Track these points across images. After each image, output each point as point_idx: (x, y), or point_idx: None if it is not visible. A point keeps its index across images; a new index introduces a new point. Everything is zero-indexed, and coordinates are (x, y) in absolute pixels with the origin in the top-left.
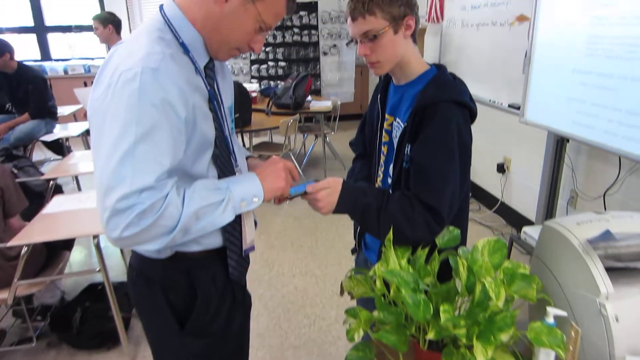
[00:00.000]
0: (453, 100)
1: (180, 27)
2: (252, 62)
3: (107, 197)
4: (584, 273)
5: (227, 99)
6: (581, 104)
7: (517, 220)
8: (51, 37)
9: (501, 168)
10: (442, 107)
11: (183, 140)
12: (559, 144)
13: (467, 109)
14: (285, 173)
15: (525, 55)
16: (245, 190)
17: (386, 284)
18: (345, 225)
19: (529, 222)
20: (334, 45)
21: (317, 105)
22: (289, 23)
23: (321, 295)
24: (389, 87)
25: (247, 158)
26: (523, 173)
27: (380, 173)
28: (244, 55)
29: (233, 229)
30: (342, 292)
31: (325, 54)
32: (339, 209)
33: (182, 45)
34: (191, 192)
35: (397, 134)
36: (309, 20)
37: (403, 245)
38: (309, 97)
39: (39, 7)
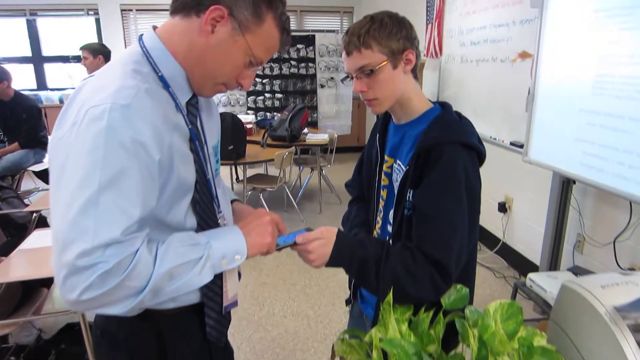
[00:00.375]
0: (460, 142)
1: (160, 59)
2: (249, 94)
3: (64, 252)
4: (612, 346)
5: (212, 137)
6: (589, 145)
7: (519, 262)
8: (50, 67)
9: (503, 207)
10: (447, 150)
11: (156, 187)
12: (564, 185)
13: (475, 151)
14: (271, 227)
15: (529, 93)
16: (227, 247)
17: (384, 352)
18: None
19: (532, 265)
20: (331, 78)
21: (314, 137)
22: (286, 55)
23: (313, 339)
24: (389, 126)
25: (232, 201)
26: (525, 213)
27: (379, 219)
28: None
29: (213, 283)
30: (333, 357)
31: (322, 86)
32: (332, 261)
33: (162, 79)
34: (165, 248)
35: (397, 177)
36: (307, 52)
37: (404, 303)
38: (305, 130)
39: (37, 38)
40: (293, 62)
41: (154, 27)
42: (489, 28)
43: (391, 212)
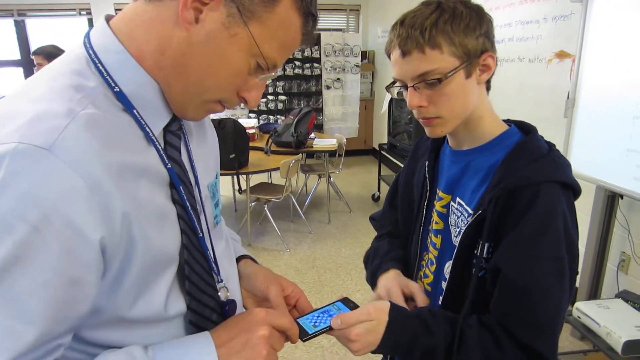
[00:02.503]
0: (560, 182)
1: (116, 66)
2: None
3: None
4: None
5: (208, 173)
6: None
7: None
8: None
9: None
10: (544, 192)
11: (92, 283)
12: (610, 199)
13: (571, 190)
14: (267, 350)
15: (568, 97)
16: None
17: None
18: (353, 280)
19: None
20: (338, 79)
21: (321, 143)
22: (290, 56)
23: None
24: (441, 151)
25: (241, 259)
26: None
27: (428, 273)
28: None
29: None
30: None
31: (328, 87)
32: (383, 350)
33: (119, 97)
34: None
35: (458, 221)
36: (311, 52)
37: None
38: (312, 134)
39: (26, 39)
40: (297, 63)
41: (107, 18)
42: (514, 25)
43: (447, 265)
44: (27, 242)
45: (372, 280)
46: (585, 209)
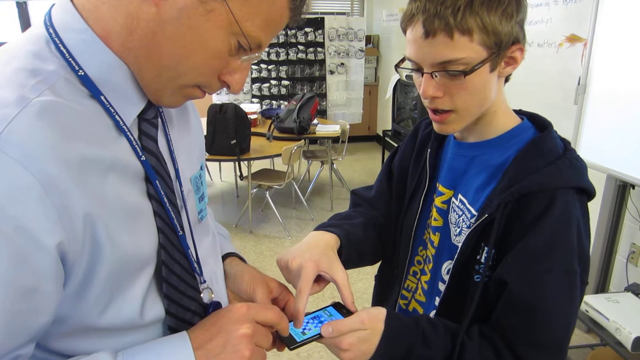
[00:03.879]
0: (576, 187)
1: (80, 46)
2: (253, 81)
3: None
4: None
5: (192, 164)
6: None
7: None
8: None
9: None
10: (559, 199)
11: (51, 292)
12: (620, 189)
13: (585, 194)
14: (250, 350)
15: (579, 83)
16: None
17: None
18: (355, 269)
19: None
20: (342, 64)
21: (324, 129)
22: (293, 40)
23: None
24: (445, 142)
25: (227, 257)
26: None
27: (427, 271)
28: None
29: None
30: None
31: (331, 72)
32: None
33: (84, 81)
34: None
35: (459, 220)
36: (315, 36)
37: None
38: (315, 120)
39: (28, 23)
40: (301, 47)
41: None
42: None
43: (445, 265)
44: None
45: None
46: (594, 199)
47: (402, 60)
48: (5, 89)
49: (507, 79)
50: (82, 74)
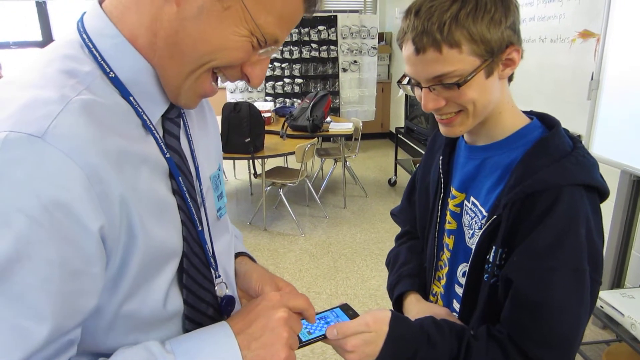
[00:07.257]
0: (584, 184)
1: (111, 50)
2: (267, 79)
3: None
4: None
5: (211, 163)
6: None
7: None
8: None
9: None
10: (565, 197)
11: (97, 275)
12: (635, 185)
13: (596, 192)
14: (287, 331)
15: (592, 79)
16: None
17: None
18: (369, 266)
19: None
20: (354, 62)
21: (337, 127)
22: (306, 38)
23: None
24: (457, 145)
25: (237, 256)
26: None
27: (443, 275)
28: None
29: None
30: None
31: (344, 70)
32: None
33: (115, 83)
34: None
35: (472, 222)
36: (328, 35)
37: None
38: (328, 118)
39: (47, 21)
40: (314, 45)
41: (100, 0)
42: (536, 4)
43: (461, 268)
44: (28, 235)
45: (391, 295)
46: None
47: (403, 76)
48: (48, 89)
49: (510, 79)
50: (113, 75)
